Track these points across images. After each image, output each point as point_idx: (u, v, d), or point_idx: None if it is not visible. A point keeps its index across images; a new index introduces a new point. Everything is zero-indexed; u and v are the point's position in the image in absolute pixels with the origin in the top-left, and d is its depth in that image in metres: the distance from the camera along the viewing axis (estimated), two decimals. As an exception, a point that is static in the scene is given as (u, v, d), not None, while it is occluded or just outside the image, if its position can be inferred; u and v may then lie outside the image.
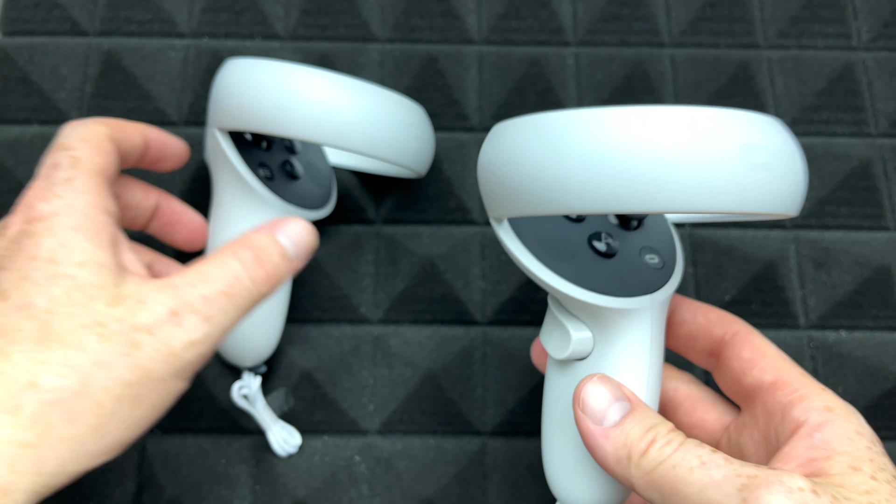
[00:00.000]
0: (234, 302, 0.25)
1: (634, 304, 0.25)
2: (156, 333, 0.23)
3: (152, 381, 0.23)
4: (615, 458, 0.23)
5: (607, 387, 0.24)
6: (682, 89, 0.40)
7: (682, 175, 0.20)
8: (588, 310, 0.26)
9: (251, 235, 0.27)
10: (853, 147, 0.39)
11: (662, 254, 0.28)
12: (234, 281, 0.26)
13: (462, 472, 0.34)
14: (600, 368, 0.26)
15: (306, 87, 0.29)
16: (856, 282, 0.37)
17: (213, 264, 0.26)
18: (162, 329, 0.24)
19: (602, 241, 0.27)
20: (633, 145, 0.20)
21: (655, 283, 0.26)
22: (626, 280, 0.26)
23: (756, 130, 0.21)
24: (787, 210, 0.21)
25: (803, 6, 0.41)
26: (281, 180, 0.33)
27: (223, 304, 0.25)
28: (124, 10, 0.40)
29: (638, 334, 0.26)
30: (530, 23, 0.41)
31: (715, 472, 0.21)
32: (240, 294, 0.26)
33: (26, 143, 0.38)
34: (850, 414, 0.24)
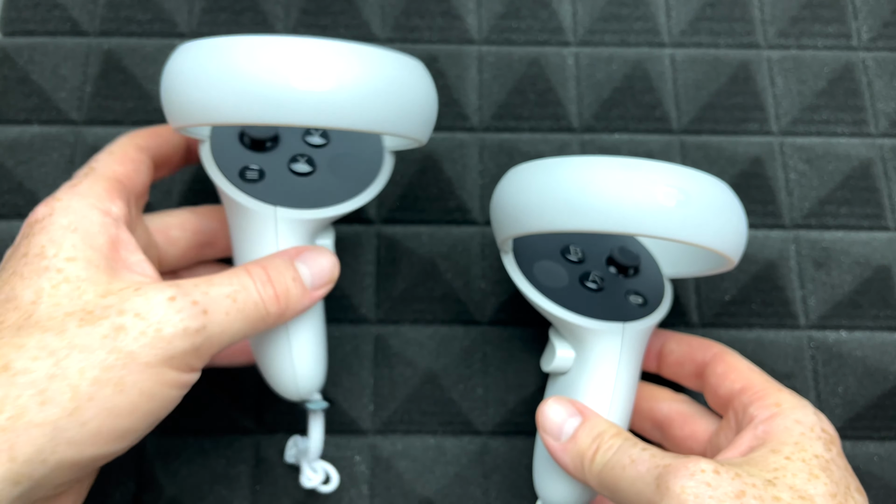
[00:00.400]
0: (239, 307, 0.25)
1: (606, 328, 0.30)
2: (146, 316, 0.23)
3: (136, 366, 0.22)
4: (573, 466, 0.27)
5: (562, 406, 0.28)
6: (682, 89, 0.40)
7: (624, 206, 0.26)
8: (569, 329, 0.30)
9: (269, 257, 0.27)
10: (853, 147, 0.39)
11: (649, 298, 0.32)
12: (241, 289, 0.25)
13: (462, 472, 0.34)
14: (575, 382, 0.30)
15: (269, 60, 0.24)
16: (856, 282, 0.37)
17: (222, 274, 0.26)
18: (153, 311, 0.23)
19: (590, 280, 0.32)
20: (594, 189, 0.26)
21: (632, 316, 0.31)
22: (605, 309, 0.31)
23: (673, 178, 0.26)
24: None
25: (803, 6, 0.41)
26: (275, 179, 0.30)
27: (225, 304, 0.25)
28: (124, 10, 0.40)
29: (609, 355, 0.30)
30: (530, 23, 0.41)
31: (640, 466, 0.24)
32: (245, 303, 0.25)
33: (26, 143, 0.38)
34: (798, 407, 0.26)
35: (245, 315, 0.25)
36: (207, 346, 0.24)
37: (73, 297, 0.23)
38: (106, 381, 0.22)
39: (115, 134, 0.38)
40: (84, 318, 0.22)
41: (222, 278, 0.25)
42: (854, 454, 0.35)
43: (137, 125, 0.38)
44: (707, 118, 0.39)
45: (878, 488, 0.34)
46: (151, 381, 0.23)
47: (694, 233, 0.26)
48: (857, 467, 0.34)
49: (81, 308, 0.23)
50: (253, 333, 0.26)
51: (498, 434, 0.35)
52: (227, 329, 0.25)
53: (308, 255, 0.28)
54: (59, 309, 0.22)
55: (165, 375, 0.23)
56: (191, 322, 0.23)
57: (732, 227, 0.27)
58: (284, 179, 0.30)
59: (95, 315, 0.22)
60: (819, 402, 0.35)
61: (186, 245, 0.31)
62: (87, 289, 0.23)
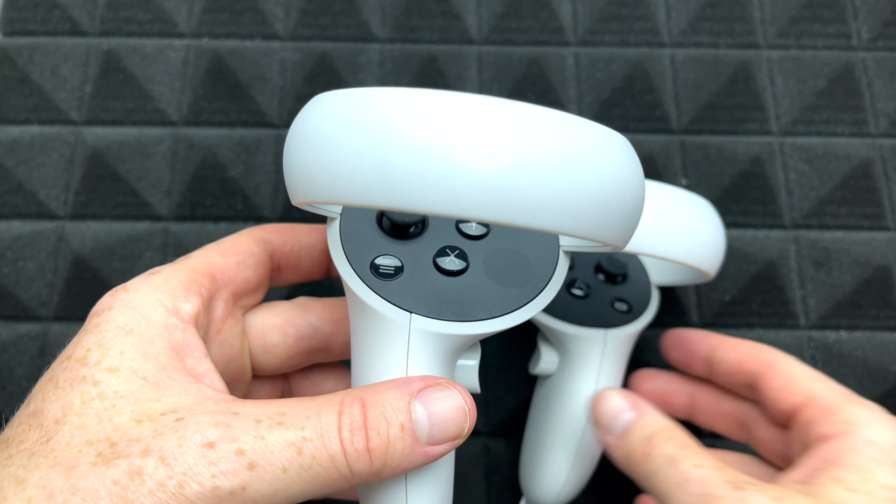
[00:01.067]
0: (304, 464, 0.19)
1: (587, 334, 0.31)
2: (171, 464, 0.18)
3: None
4: (623, 464, 0.26)
5: (618, 398, 0.27)
6: (682, 89, 0.40)
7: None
8: (553, 334, 0.31)
9: (379, 386, 0.20)
10: (853, 147, 0.39)
11: (634, 305, 0.32)
12: (315, 437, 0.19)
13: (462, 472, 0.34)
14: (557, 384, 0.31)
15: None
16: (856, 282, 0.37)
17: (303, 404, 0.20)
18: (181, 460, 0.18)
19: (576, 287, 0.32)
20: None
21: (615, 322, 0.31)
22: (589, 316, 0.31)
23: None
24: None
25: (803, 6, 0.41)
26: (415, 277, 0.23)
27: (285, 457, 0.18)
28: (124, 10, 0.40)
29: (591, 360, 0.31)
30: (530, 23, 0.41)
31: (692, 488, 0.23)
32: (316, 458, 0.19)
33: (26, 143, 0.38)
34: (872, 423, 0.24)
35: (313, 475, 0.19)
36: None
37: (103, 419, 0.19)
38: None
39: (114, 134, 0.38)
40: (103, 452, 0.18)
41: (299, 411, 0.19)
42: (854, 454, 0.35)
43: (137, 125, 0.38)
44: (707, 118, 0.39)
45: (878, 488, 0.34)
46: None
47: (669, 249, 0.27)
48: (857, 467, 0.34)
49: (106, 438, 0.18)
50: (325, 494, 0.20)
51: (498, 434, 0.35)
52: (281, 491, 0.18)
53: (435, 393, 0.20)
54: (81, 434, 0.18)
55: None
56: (225, 481, 0.18)
57: (708, 242, 0.28)
58: (427, 278, 0.23)
59: (117, 450, 0.18)
60: (819, 402, 0.35)
61: (286, 353, 0.26)
62: (124, 409, 0.19)
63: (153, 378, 0.20)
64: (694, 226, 0.29)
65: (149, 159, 0.38)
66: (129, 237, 0.37)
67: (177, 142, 0.38)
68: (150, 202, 0.37)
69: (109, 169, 0.38)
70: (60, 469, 0.18)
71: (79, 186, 0.37)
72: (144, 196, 0.37)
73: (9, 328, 0.36)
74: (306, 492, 0.19)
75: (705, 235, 0.29)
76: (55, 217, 0.37)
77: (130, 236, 0.37)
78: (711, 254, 0.29)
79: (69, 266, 0.36)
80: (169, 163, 0.38)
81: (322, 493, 0.19)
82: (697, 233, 0.29)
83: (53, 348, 0.35)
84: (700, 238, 0.29)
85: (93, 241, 0.37)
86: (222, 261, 0.24)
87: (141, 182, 0.38)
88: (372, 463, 0.19)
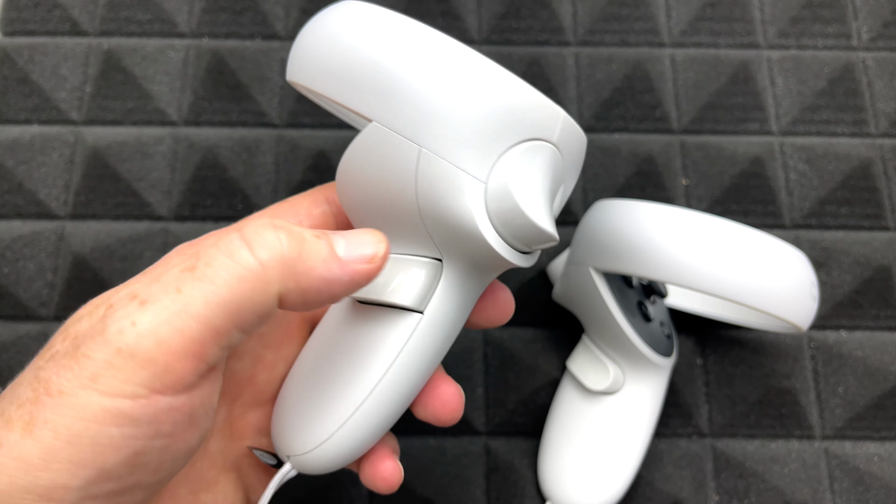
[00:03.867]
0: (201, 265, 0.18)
1: (664, 363, 0.33)
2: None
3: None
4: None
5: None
6: (682, 89, 0.40)
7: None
8: (632, 355, 0.32)
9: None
10: (853, 147, 0.39)
11: (668, 326, 0.34)
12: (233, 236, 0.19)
13: (462, 472, 0.34)
14: (619, 406, 0.32)
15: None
16: (856, 282, 0.37)
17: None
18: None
19: (647, 307, 0.33)
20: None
21: (669, 350, 0.33)
22: (657, 342, 0.32)
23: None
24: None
25: (803, 6, 0.41)
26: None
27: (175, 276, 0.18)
28: (124, 10, 0.40)
29: (656, 384, 0.33)
30: (530, 23, 0.41)
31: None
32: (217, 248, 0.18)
33: (26, 143, 0.38)
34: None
35: (217, 280, 0.18)
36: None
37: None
38: None
39: (114, 134, 0.38)
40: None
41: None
42: (854, 454, 0.34)
43: (137, 125, 0.38)
44: (707, 118, 0.39)
45: (879, 488, 0.34)
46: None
47: (779, 307, 0.28)
48: (858, 467, 0.34)
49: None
50: (255, 313, 0.19)
51: (498, 434, 0.35)
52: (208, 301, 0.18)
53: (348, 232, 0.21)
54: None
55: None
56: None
57: (808, 301, 0.29)
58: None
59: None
60: (819, 402, 0.35)
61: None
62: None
63: None
64: (800, 286, 0.29)
65: (149, 159, 0.38)
66: (129, 237, 0.37)
67: (177, 142, 0.38)
68: (150, 202, 0.37)
69: (109, 169, 0.38)
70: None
71: (79, 186, 0.37)
72: (144, 196, 0.37)
73: (9, 328, 0.36)
74: (228, 302, 0.18)
75: (808, 295, 0.29)
76: (55, 217, 0.37)
77: (130, 236, 0.37)
78: (808, 311, 0.29)
79: (69, 266, 0.36)
80: (169, 163, 0.38)
81: (250, 309, 0.18)
82: (803, 292, 0.29)
83: (53, 348, 0.35)
84: (807, 297, 0.29)
85: (93, 241, 0.37)
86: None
87: (141, 182, 0.38)
88: (284, 253, 0.19)
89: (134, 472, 0.18)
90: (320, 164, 0.38)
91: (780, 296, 0.28)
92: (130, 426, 0.17)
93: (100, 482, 0.17)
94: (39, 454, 0.17)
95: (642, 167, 0.38)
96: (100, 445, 0.17)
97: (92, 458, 0.17)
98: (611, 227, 0.30)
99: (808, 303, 0.29)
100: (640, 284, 0.33)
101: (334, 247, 0.20)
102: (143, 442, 0.18)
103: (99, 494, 0.18)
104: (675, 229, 0.28)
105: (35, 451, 0.17)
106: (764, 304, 0.27)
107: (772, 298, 0.28)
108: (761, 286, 0.27)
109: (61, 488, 0.17)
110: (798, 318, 0.28)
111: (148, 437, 0.18)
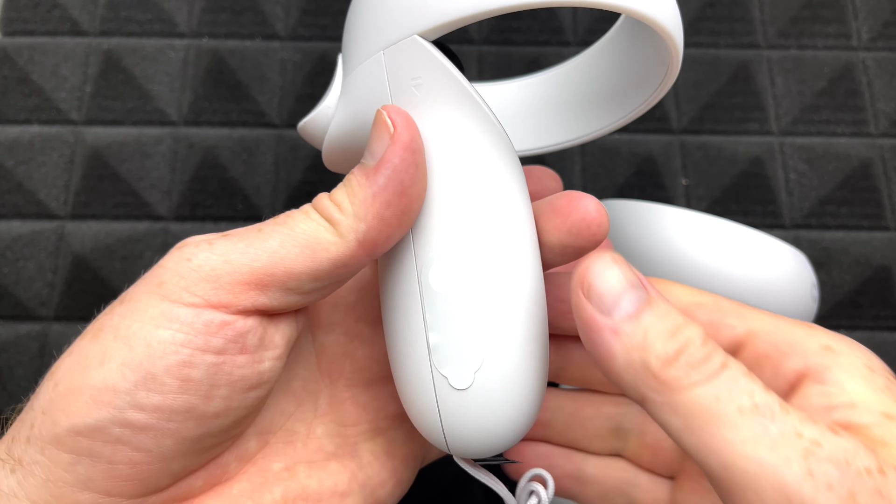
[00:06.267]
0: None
1: None
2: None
3: None
4: (626, 361, 0.17)
5: (622, 269, 0.17)
6: (682, 89, 0.40)
7: None
8: None
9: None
10: (853, 147, 0.39)
11: None
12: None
13: (462, 471, 0.34)
14: None
15: None
16: (856, 282, 0.37)
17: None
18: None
19: None
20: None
21: None
22: None
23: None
24: None
25: (803, 6, 0.41)
26: None
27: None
28: (124, 10, 0.40)
29: None
30: (530, 23, 0.41)
31: (771, 423, 0.15)
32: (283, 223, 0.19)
33: (26, 143, 0.38)
34: (853, 349, 0.18)
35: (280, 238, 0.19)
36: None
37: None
38: None
39: (114, 134, 0.38)
40: None
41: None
42: (854, 454, 0.35)
43: (137, 125, 0.38)
44: (707, 118, 0.39)
45: (878, 488, 0.34)
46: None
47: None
48: (857, 467, 0.34)
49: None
50: (321, 267, 0.19)
51: (498, 434, 0.35)
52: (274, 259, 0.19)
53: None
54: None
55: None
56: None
57: (808, 301, 0.27)
58: None
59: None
60: (819, 402, 0.35)
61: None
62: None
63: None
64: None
65: (149, 159, 0.38)
66: (129, 237, 0.37)
67: (177, 142, 0.38)
68: (149, 202, 0.37)
69: (109, 169, 0.38)
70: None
71: (79, 186, 0.37)
72: (144, 196, 0.37)
73: (9, 328, 0.36)
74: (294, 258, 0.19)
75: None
76: (55, 217, 0.37)
77: (130, 236, 0.37)
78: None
79: (69, 266, 0.36)
80: (169, 163, 0.38)
81: (318, 265, 0.19)
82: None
83: (53, 348, 0.35)
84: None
85: (93, 241, 0.37)
86: None
87: (141, 182, 0.38)
88: (339, 206, 0.19)
89: (183, 389, 0.18)
90: (320, 165, 0.38)
91: (780, 296, 0.28)
92: (181, 331, 0.18)
93: (147, 389, 0.18)
94: (97, 354, 0.18)
95: (642, 167, 0.38)
96: (150, 347, 0.18)
97: (140, 359, 0.18)
98: (611, 227, 0.30)
99: (808, 303, 0.29)
100: None
101: (364, 165, 0.19)
102: (191, 351, 0.18)
103: (146, 406, 0.18)
104: (675, 230, 0.28)
105: (94, 352, 0.18)
106: (764, 305, 0.27)
107: (772, 299, 0.28)
108: (761, 286, 0.27)
109: (110, 390, 0.18)
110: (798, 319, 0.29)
111: (197, 346, 0.18)
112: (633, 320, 0.17)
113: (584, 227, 0.20)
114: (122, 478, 0.18)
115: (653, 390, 0.16)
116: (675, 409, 0.16)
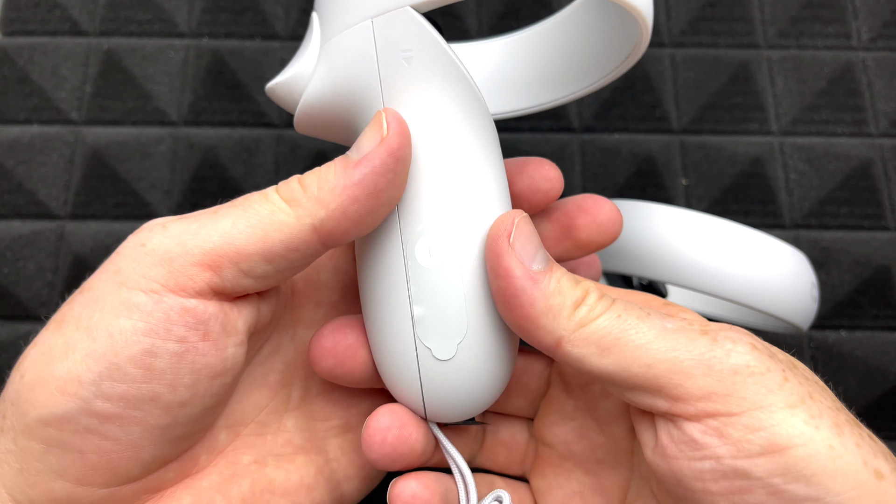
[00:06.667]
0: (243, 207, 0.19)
1: None
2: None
3: None
4: (545, 306, 0.19)
5: (534, 230, 0.20)
6: (682, 89, 0.40)
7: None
8: None
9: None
10: (853, 147, 0.39)
11: None
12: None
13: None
14: None
15: None
16: (856, 282, 0.37)
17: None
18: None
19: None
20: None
21: None
22: None
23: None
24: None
25: (803, 6, 0.41)
26: None
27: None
28: (124, 10, 0.40)
29: None
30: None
31: (666, 322, 0.19)
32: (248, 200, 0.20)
33: (26, 143, 0.38)
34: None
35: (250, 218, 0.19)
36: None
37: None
38: None
39: (114, 134, 0.38)
40: None
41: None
42: (854, 454, 0.34)
43: (137, 125, 0.39)
44: (707, 118, 0.39)
45: (878, 488, 0.34)
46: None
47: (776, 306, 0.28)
48: (857, 467, 0.34)
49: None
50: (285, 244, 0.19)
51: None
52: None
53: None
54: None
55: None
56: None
57: (808, 301, 0.29)
58: None
59: None
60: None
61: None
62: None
63: None
64: (798, 284, 0.29)
65: (149, 159, 0.38)
66: (129, 237, 0.37)
67: (177, 142, 0.38)
68: (150, 202, 0.37)
69: (109, 169, 0.38)
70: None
71: (79, 186, 0.37)
72: (144, 196, 0.37)
73: (9, 328, 0.36)
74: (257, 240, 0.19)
75: (806, 293, 0.29)
76: (55, 217, 0.37)
77: (130, 236, 0.37)
78: (806, 311, 0.29)
79: (69, 266, 0.36)
80: (169, 163, 0.38)
81: (279, 242, 0.19)
82: (800, 291, 0.29)
83: (53, 348, 0.35)
84: (804, 296, 0.29)
85: (93, 241, 0.37)
86: None
87: (141, 182, 0.38)
88: (305, 188, 0.20)
89: (148, 378, 0.18)
90: (320, 165, 0.38)
91: (780, 296, 0.28)
92: (142, 319, 0.18)
93: (112, 379, 0.18)
94: (61, 345, 0.18)
95: (642, 167, 0.38)
96: (112, 337, 0.18)
97: (103, 350, 0.18)
98: None
99: (808, 303, 0.29)
100: (640, 284, 0.33)
101: (347, 157, 0.20)
102: (153, 340, 0.18)
103: (112, 396, 0.18)
104: (675, 229, 0.28)
105: (59, 343, 0.18)
106: (764, 305, 0.27)
107: (772, 299, 0.28)
108: (761, 286, 0.27)
109: (75, 381, 0.18)
110: (798, 319, 0.28)
111: (158, 335, 0.18)
112: (547, 273, 0.19)
113: (609, 226, 0.24)
114: (93, 467, 0.18)
115: (567, 330, 0.19)
116: (589, 339, 0.18)
